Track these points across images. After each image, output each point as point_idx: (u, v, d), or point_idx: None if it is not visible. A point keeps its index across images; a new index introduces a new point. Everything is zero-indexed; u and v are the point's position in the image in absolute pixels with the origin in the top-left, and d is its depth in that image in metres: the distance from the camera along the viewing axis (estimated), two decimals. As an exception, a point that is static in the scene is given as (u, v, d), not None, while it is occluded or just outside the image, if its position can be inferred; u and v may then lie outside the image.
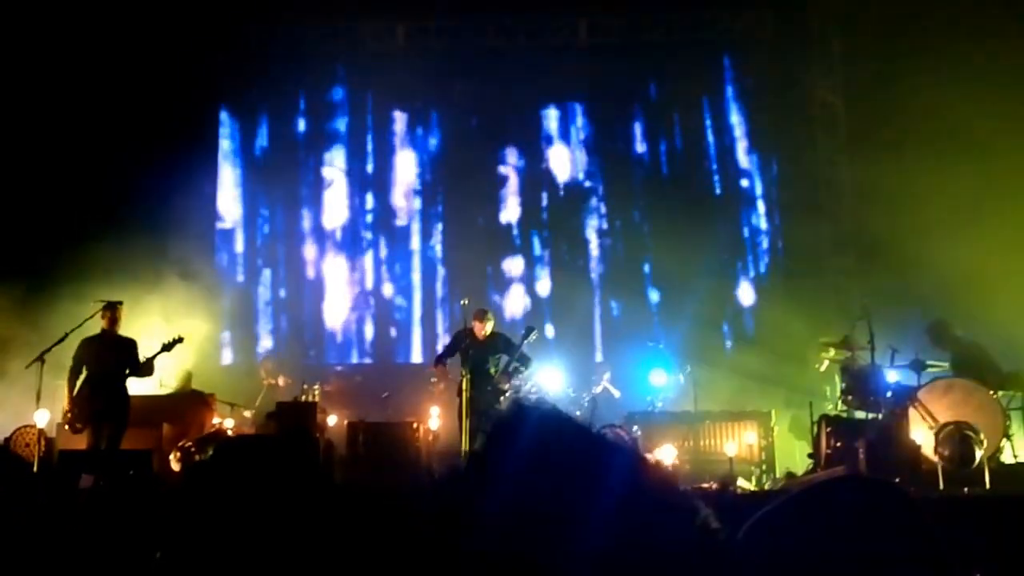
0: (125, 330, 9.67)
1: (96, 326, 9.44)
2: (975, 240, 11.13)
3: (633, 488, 0.88)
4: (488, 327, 10.61)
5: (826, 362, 10.24)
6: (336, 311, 14.83)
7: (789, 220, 14.34)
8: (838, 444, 8.94)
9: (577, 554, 0.82)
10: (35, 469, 8.12)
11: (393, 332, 14.78)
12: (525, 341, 10.39)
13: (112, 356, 9.30)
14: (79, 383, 9.17)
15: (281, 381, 12.75)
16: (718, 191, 14.66)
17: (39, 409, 8.78)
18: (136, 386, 9.67)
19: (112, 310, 9.43)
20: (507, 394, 9.96)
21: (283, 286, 14.92)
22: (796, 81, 14.24)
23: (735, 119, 14.71)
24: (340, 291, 14.86)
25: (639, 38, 14.49)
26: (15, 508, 7.05)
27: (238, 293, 14.77)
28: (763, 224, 14.62)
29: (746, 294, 14.35)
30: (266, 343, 14.67)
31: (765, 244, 14.57)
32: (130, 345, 9.53)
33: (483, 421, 9.36)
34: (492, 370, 10.38)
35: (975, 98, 11.37)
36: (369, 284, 14.88)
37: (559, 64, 14.32)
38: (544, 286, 14.63)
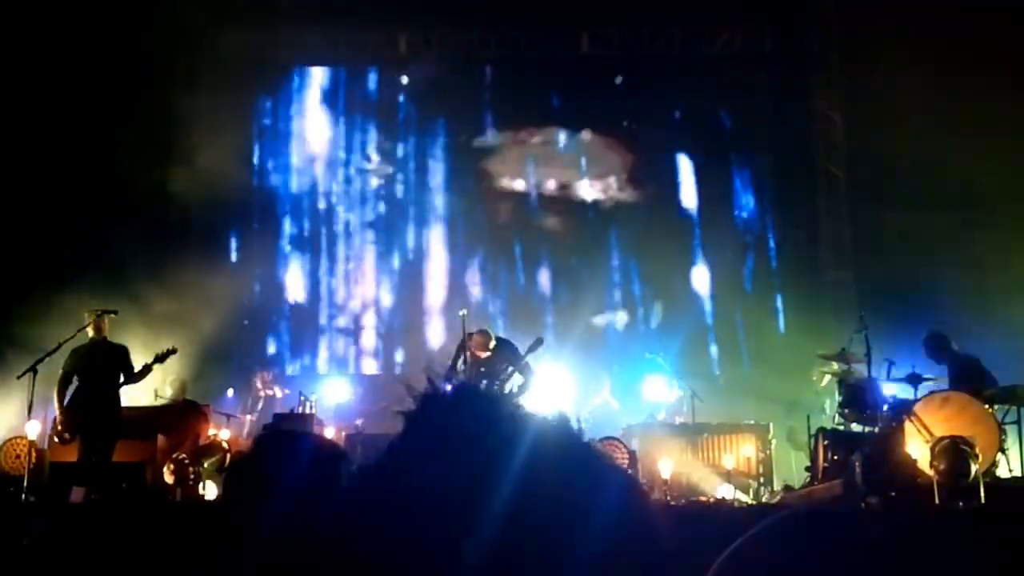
0: (122, 341, 9.61)
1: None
2: (973, 254, 11.09)
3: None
4: (488, 350, 9.94)
5: (827, 377, 10.20)
6: (336, 321, 14.83)
7: (787, 233, 14.31)
8: (835, 457, 8.92)
9: None
10: (25, 482, 8.05)
11: (392, 342, 14.75)
12: (532, 353, 9.86)
13: (103, 365, 9.17)
14: (69, 393, 9.07)
15: (278, 392, 12.72)
16: (716, 204, 14.61)
17: (30, 420, 8.72)
18: (129, 396, 9.58)
19: (101, 319, 9.31)
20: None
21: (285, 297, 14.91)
22: (795, 95, 14.23)
23: (733, 132, 14.69)
24: (339, 300, 14.87)
25: (639, 51, 14.48)
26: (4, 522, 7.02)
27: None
28: (761, 236, 14.58)
29: (744, 306, 14.27)
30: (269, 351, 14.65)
31: (763, 256, 14.53)
32: (122, 352, 9.38)
33: None
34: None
35: (977, 110, 11.34)
36: (369, 292, 14.86)
37: (559, 75, 14.34)
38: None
